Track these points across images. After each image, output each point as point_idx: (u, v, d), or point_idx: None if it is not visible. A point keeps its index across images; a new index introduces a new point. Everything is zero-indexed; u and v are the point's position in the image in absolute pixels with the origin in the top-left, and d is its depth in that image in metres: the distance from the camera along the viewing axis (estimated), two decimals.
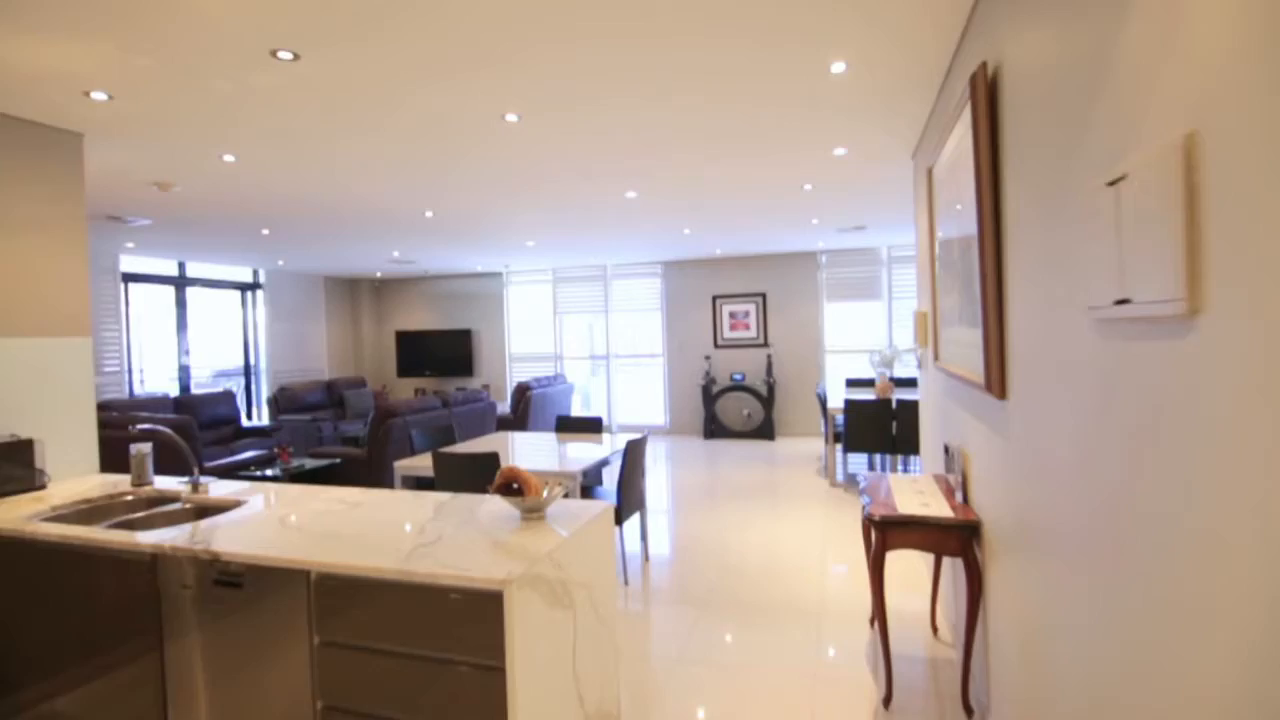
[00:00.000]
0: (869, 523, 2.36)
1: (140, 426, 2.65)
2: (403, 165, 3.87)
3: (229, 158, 3.54)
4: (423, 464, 3.65)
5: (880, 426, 5.58)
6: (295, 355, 9.26)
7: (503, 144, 3.51)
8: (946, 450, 2.77)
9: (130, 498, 2.64)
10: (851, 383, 7.32)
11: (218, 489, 2.64)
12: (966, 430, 2.45)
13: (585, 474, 3.70)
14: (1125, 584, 1.08)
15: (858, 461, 6.87)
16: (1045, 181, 1.46)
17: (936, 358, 2.95)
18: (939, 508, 2.37)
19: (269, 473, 4.55)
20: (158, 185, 3.99)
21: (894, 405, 5.55)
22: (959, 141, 2.22)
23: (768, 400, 8.41)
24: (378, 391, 9.57)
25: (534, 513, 2.04)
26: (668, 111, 3.09)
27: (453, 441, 4.33)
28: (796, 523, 4.83)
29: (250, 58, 2.38)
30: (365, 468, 4.85)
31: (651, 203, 5.17)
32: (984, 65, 1.90)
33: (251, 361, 8.75)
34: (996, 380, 1.88)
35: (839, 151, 3.76)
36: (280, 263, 8.13)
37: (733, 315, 8.94)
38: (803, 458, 7.25)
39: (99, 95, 2.69)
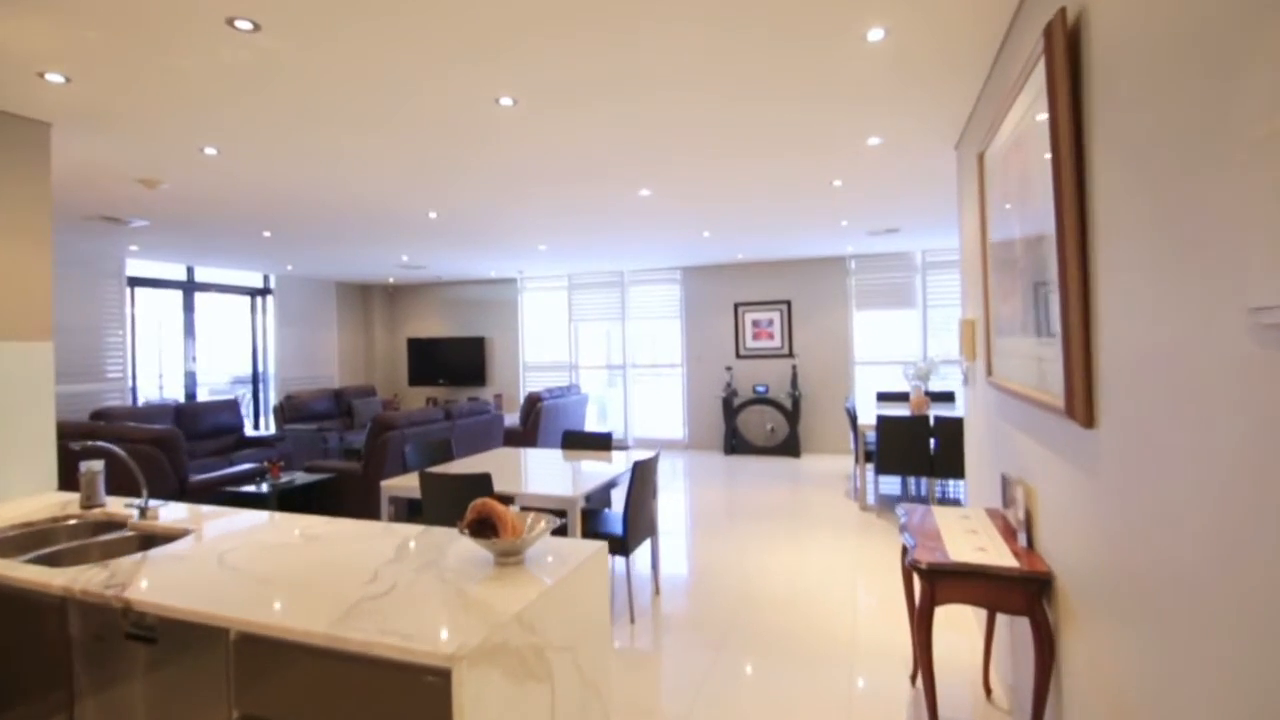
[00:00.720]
0: (914, 570, 1.98)
1: (89, 443, 2.37)
2: (397, 160, 3.60)
3: (210, 151, 3.30)
4: (413, 484, 3.34)
5: (916, 446, 5.14)
6: (305, 362, 9.09)
7: (501, 135, 3.21)
8: (1004, 482, 2.38)
9: (74, 522, 2.36)
10: (883, 396, 6.89)
11: (170, 514, 2.35)
12: (1031, 460, 2.06)
13: (589, 497, 3.36)
14: None
15: (890, 484, 6.42)
16: (1163, 144, 1.09)
17: (989, 372, 2.56)
18: (999, 554, 1.98)
19: (256, 489, 4.28)
20: (142, 182, 3.78)
21: (932, 423, 5.12)
22: (1024, 113, 1.85)
23: (793, 414, 7.99)
24: (388, 400, 9.36)
25: (510, 556, 1.71)
26: (680, 96, 2.76)
27: (449, 458, 4.02)
28: (824, 551, 4.42)
29: (205, 28, 2.10)
30: (360, 484, 4.57)
31: (667, 203, 4.84)
32: (1062, 12, 1.54)
33: (260, 369, 8.59)
34: (1081, 403, 1.50)
35: (873, 141, 3.39)
36: (289, 267, 7.96)
37: (756, 324, 8.54)
38: (830, 477, 6.82)
39: (55, 77, 2.45)
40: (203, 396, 7.79)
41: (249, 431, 7.25)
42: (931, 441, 5.13)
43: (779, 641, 3.11)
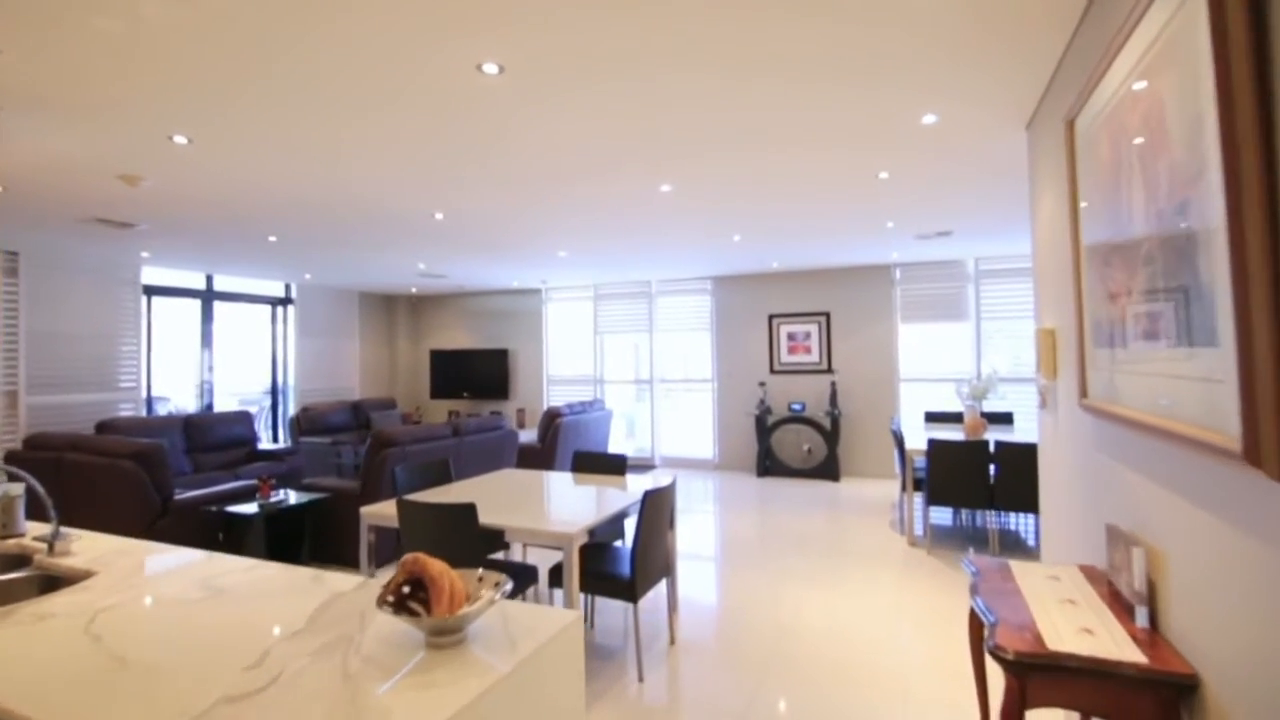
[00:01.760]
0: (996, 658, 1.47)
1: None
2: (391, 154, 3.25)
3: (180, 139, 3.00)
4: (394, 511, 2.95)
5: (974, 474, 4.55)
6: (326, 374, 8.89)
7: (496, 119, 2.82)
8: (1110, 535, 1.84)
9: None
10: (932, 417, 6.28)
11: (84, 548, 2.00)
12: (1159, 513, 1.54)
13: (594, 531, 2.92)
14: None
15: (941, 514, 5.79)
16: None
17: (1083, 393, 2.03)
18: (1112, 638, 1.46)
19: (243, 509, 3.96)
20: (123, 179, 3.52)
21: (992, 448, 4.52)
22: (1150, 42, 1.36)
23: (831, 435, 7.41)
24: (408, 414, 9.09)
25: (445, 636, 1.27)
26: (693, 75, 2.33)
27: (446, 480, 3.63)
28: (869, 593, 3.87)
29: None
30: (356, 504, 4.22)
31: (692, 201, 4.41)
32: None
33: (280, 380, 8.42)
34: (1273, 446, 1.00)
35: (928, 119, 2.89)
36: (307, 276, 7.77)
37: (791, 337, 8.00)
38: (873, 505, 6.22)
39: None
40: (231, 407, 7.65)
41: (265, 444, 7.04)
42: (991, 469, 4.53)
43: (817, 707, 2.59)
